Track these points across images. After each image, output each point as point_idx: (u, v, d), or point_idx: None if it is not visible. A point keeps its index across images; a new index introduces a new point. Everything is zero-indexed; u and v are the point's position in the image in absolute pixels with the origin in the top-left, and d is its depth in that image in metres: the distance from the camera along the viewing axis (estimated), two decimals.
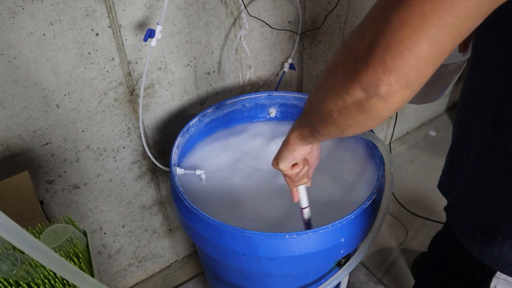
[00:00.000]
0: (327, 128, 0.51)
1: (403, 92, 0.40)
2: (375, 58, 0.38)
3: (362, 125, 0.46)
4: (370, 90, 0.40)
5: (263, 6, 1.09)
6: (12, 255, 0.57)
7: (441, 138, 2.00)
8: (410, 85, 0.39)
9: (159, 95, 1.05)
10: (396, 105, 0.42)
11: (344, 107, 0.44)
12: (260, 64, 1.20)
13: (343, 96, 0.43)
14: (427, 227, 1.53)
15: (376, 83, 0.39)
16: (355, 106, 0.43)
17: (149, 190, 1.21)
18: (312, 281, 0.88)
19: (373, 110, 0.42)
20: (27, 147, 0.91)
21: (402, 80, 0.38)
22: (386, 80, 0.39)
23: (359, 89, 0.41)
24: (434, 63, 0.38)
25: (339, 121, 0.47)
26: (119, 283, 1.35)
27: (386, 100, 0.40)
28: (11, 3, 0.74)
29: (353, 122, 0.46)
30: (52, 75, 0.86)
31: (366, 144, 1.01)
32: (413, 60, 0.37)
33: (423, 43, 0.36)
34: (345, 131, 0.49)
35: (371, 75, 0.39)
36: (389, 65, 0.38)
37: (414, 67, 0.37)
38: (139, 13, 0.90)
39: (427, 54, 0.37)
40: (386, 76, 0.38)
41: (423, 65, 0.37)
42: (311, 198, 0.91)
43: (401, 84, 0.39)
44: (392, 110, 0.42)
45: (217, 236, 0.76)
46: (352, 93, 0.42)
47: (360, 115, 0.44)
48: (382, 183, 0.85)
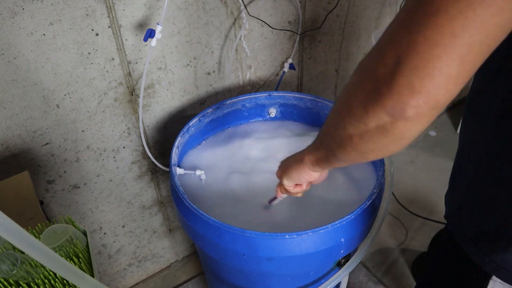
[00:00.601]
0: (346, 153, 0.49)
1: (431, 113, 0.38)
2: (401, 81, 0.37)
3: (385, 149, 0.45)
4: (396, 113, 0.39)
5: (263, 6, 1.09)
6: (12, 255, 0.57)
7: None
8: (439, 105, 0.38)
9: (159, 95, 1.05)
10: (423, 127, 0.40)
11: (365, 132, 0.43)
12: (260, 64, 1.20)
13: (364, 120, 0.42)
14: (427, 227, 1.53)
15: (403, 107, 0.38)
16: (378, 130, 0.41)
17: (149, 190, 1.21)
18: (312, 281, 0.88)
19: (398, 133, 0.41)
20: (27, 147, 0.91)
21: (432, 101, 0.37)
22: (413, 103, 0.37)
23: (383, 112, 0.39)
24: (464, 82, 0.37)
25: (360, 146, 0.45)
26: (119, 283, 1.35)
27: (414, 122, 0.39)
28: (11, 3, 0.74)
29: (375, 146, 0.44)
30: (52, 75, 0.86)
31: None
32: (444, 80, 0.36)
33: (454, 62, 0.35)
34: (366, 156, 0.47)
35: (397, 98, 0.38)
36: (417, 88, 0.36)
37: (444, 88, 0.36)
38: (139, 13, 0.90)
39: (457, 73, 0.35)
40: (414, 99, 0.37)
41: (453, 84, 0.36)
42: (311, 198, 0.91)
43: (430, 106, 0.37)
44: (418, 132, 0.41)
45: (217, 236, 0.76)
46: (375, 117, 0.41)
47: (383, 139, 0.42)
48: (382, 183, 0.85)
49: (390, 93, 0.38)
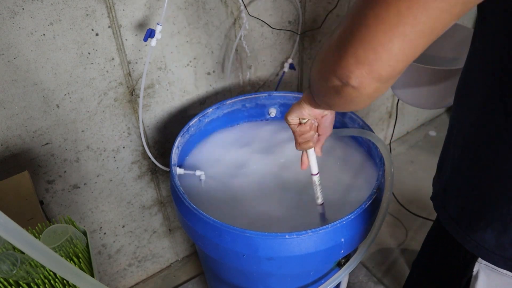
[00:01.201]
0: (320, 101, 0.56)
1: (374, 84, 0.42)
2: (349, 51, 0.41)
3: (344, 107, 0.50)
4: (343, 80, 0.43)
5: (263, 6, 1.09)
6: (12, 255, 0.57)
7: (441, 138, 1.99)
8: (382, 79, 0.41)
9: (159, 95, 1.05)
10: (370, 96, 0.44)
11: (327, 90, 0.48)
12: (260, 64, 1.20)
13: (324, 81, 0.47)
14: (427, 227, 1.51)
15: (348, 75, 0.42)
16: (333, 90, 0.46)
17: (149, 190, 1.21)
18: (312, 281, 0.88)
19: (348, 97, 0.45)
20: (27, 147, 0.91)
21: (374, 73, 0.40)
22: (357, 73, 0.41)
23: (334, 77, 0.44)
24: (406, 60, 0.40)
25: (326, 99, 0.52)
26: (119, 283, 1.35)
27: (359, 91, 0.43)
28: (11, 3, 0.74)
29: (335, 102, 0.50)
30: (52, 75, 0.86)
31: (366, 144, 1.01)
32: (386, 55, 0.39)
33: (396, 39, 0.38)
34: (332, 107, 0.54)
35: (344, 66, 0.42)
36: (361, 58, 0.40)
37: (386, 62, 0.39)
38: (139, 13, 0.90)
39: (399, 50, 0.38)
40: (358, 68, 0.41)
41: (395, 61, 0.39)
42: (310, 198, 0.91)
43: (372, 78, 0.41)
44: (367, 99, 0.45)
45: (217, 236, 0.76)
46: (330, 81, 0.45)
47: (339, 99, 0.48)
48: (382, 183, 0.85)
49: (339, 61, 0.42)
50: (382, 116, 1.78)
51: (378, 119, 1.77)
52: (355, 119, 1.00)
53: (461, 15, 0.38)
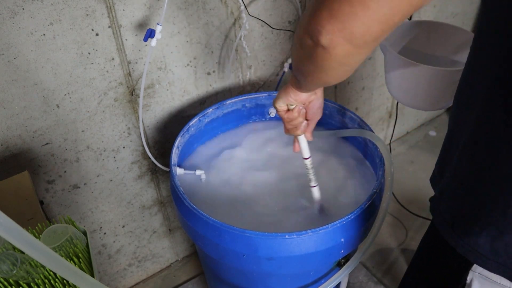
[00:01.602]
0: (297, 74, 0.55)
1: (345, 45, 0.39)
2: (324, 4, 0.38)
3: (315, 75, 0.48)
4: (314, 37, 0.40)
5: (263, 6, 1.09)
6: (12, 255, 0.57)
7: (441, 138, 1.98)
8: (353, 38, 0.38)
9: (159, 95, 1.05)
10: (339, 58, 0.41)
11: (300, 54, 0.47)
12: (260, 64, 1.20)
13: (300, 42, 0.45)
14: (427, 227, 1.52)
15: (319, 30, 0.39)
16: (305, 54, 0.45)
17: (149, 190, 1.21)
18: (312, 281, 0.88)
19: (319, 60, 0.43)
20: (27, 147, 0.91)
21: (346, 30, 0.38)
22: (328, 28, 0.38)
23: (307, 35, 0.42)
24: (383, 22, 0.37)
25: (300, 67, 0.50)
26: (119, 283, 1.35)
27: (328, 51, 0.40)
28: (11, 3, 0.74)
29: (307, 69, 0.48)
30: (52, 75, 0.86)
31: (366, 144, 1.01)
32: (361, 10, 0.36)
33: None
34: (306, 78, 0.52)
35: (316, 20, 0.39)
36: (335, 11, 0.37)
37: (360, 19, 0.36)
38: (139, 13, 0.90)
39: (377, 7, 0.36)
40: (330, 23, 0.38)
41: (371, 19, 0.37)
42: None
43: (343, 36, 0.38)
44: (337, 63, 0.42)
45: (217, 236, 0.76)
46: (303, 40, 0.43)
47: (310, 64, 0.45)
48: (382, 183, 0.85)
49: (314, 14, 0.40)
50: (382, 116, 1.78)
51: (378, 119, 1.77)
52: (355, 119, 1.00)
53: None
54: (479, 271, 0.59)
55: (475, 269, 0.60)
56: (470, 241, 0.58)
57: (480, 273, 0.59)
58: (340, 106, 1.03)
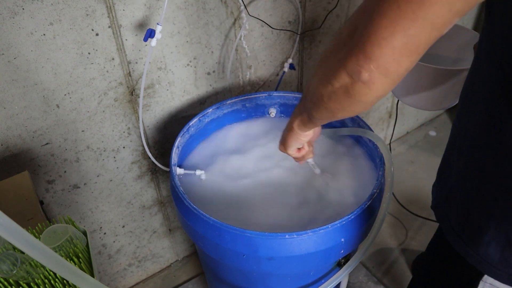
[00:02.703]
0: (319, 112, 0.55)
1: (383, 80, 0.43)
2: (358, 47, 0.42)
3: (349, 109, 0.50)
4: (354, 75, 0.44)
5: (263, 6, 1.09)
6: (12, 255, 0.57)
7: (441, 138, 2.00)
8: (389, 74, 0.42)
9: (159, 95, 1.05)
10: (378, 92, 0.45)
11: (332, 92, 0.48)
12: (260, 64, 1.20)
13: (332, 81, 0.47)
14: (427, 227, 1.53)
15: (359, 70, 0.43)
16: (342, 90, 0.47)
17: (149, 190, 1.21)
18: (312, 281, 0.88)
19: (357, 95, 0.46)
20: (27, 147, 0.91)
21: (381, 68, 0.42)
22: (367, 67, 0.42)
23: (345, 74, 0.45)
24: (410, 55, 0.41)
25: (329, 105, 0.51)
26: (119, 283, 1.35)
27: (369, 86, 0.44)
28: (11, 3, 0.74)
29: (340, 106, 0.50)
30: (52, 75, 0.86)
31: (366, 144, 1.01)
32: (389, 49, 0.40)
33: (398, 34, 0.39)
34: (335, 114, 0.53)
35: (355, 61, 0.43)
36: (369, 53, 0.41)
37: (390, 57, 0.41)
38: (139, 13, 0.90)
39: (401, 45, 0.40)
40: (367, 63, 0.42)
41: (399, 55, 0.41)
42: (311, 198, 0.91)
43: (380, 72, 0.42)
44: (375, 97, 0.46)
45: (217, 236, 0.76)
46: (339, 78, 0.46)
47: (346, 100, 0.48)
48: (382, 183, 0.85)
49: (350, 56, 0.43)
50: (382, 116, 1.78)
51: (378, 119, 1.77)
52: (355, 119, 1.00)
53: (462, 13, 0.38)
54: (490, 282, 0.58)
55: (486, 279, 0.59)
56: (480, 251, 0.57)
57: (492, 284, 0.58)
58: None
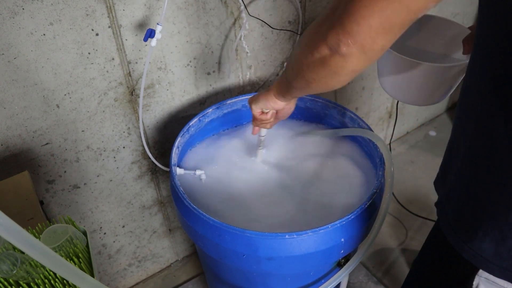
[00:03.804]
0: (297, 81, 0.60)
1: (359, 55, 0.47)
2: (338, 22, 0.46)
3: (324, 81, 0.54)
4: (333, 48, 0.48)
5: (263, 6, 1.09)
6: (12, 255, 0.57)
7: (441, 138, 2.00)
8: (364, 50, 0.46)
9: (159, 95, 1.05)
10: (353, 66, 0.49)
11: (311, 61, 0.52)
12: (260, 64, 1.20)
13: (312, 51, 0.51)
14: (427, 227, 1.53)
15: (338, 43, 0.47)
16: (320, 61, 0.51)
17: (149, 190, 1.21)
18: (312, 281, 0.88)
19: (334, 67, 0.50)
20: (27, 147, 0.91)
21: (358, 44, 0.45)
22: (344, 41, 0.46)
23: (325, 46, 0.49)
24: (385, 34, 0.45)
25: (307, 74, 0.55)
26: (119, 283, 1.35)
27: (345, 59, 0.48)
28: (11, 3, 0.74)
29: (317, 76, 0.54)
30: (52, 75, 0.86)
31: (366, 144, 1.01)
32: (366, 27, 0.44)
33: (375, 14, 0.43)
34: (310, 84, 0.57)
35: (334, 35, 0.47)
36: (347, 29, 0.45)
37: (367, 34, 0.44)
38: (139, 13, 0.90)
39: (378, 24, 0.44)
40: (345, 38, 0.46)
41: (375, 33, 0.44)
42: (311, 198, 0.91)
43: (357, 48, 0.46)
44: (350, 70, 0.50)
45: (217, 236, 0.76)
46: (319, 49, 0.50)
47: (323, 70, 0.52)
48: (382, 183, 0.85)
49: (331, 31, 0.47)
50: (382, 116, 1.78)
51: (378, 119, 1.77)
52: (355, 119, 1.00)
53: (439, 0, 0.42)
54: (485, 276, 0.59)
55: (481, 273, 0.60)
56: (474, 246, 0.58)
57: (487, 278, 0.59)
58: (340, 106, 1.03)
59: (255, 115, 0.83)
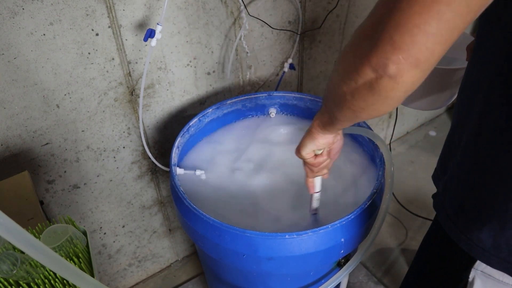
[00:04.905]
0: (342, 112, 0.51)
1: (412, 71, 0.40)
2: (384, 37, 0.39)
3: (374, 108, 0.46)
4: (380, 69, 0.40)
5: (263, 6, 1.09)
6: (12, 255, 0.57)
7: (441, 138, 1.99)
8: (419, 64, 0.39)
9: (159, 95, 1.05)
10: (406, 86, 0.41)
11: (356, 89, 0.45)
12: (260, 64, 1.20)
13: (354, 77, 0.44)
14: (427, 227, 1.52)
15: (385, 62, 0.39)
16: (366, 87, 0.43)
17: (149, 190, 1.21)
18: (312, 281, 0.88)
19: (383, 91, 0.42)
20: (27, 147, 0.91)
21: (411, 58, 0.39)
22: (394, 59, 0.39)
23: (369, 69, 0.41)
24: (444, 42, 0.38)
25: (352, 104, 0.47)
26: (119, 283, 1.35)
27: (396, 80, 0.40)
28: (11, 3, 0.74)
29: (365, 104, 0.46)
30: (52, 75, 0.86)
31: (366, 144, 1.01)
32: (423, 37, 0.37)
33: (432, 20, 0.36)
34: (359, 114, 0.49)
35: (380, 54, 0.39)
36: (398, 43, 0.38)
37: (423, 45, 0.38)
38: (139, 13, 0.90)
39: (436, 31, 0.37)
40: (395, 54, 0.39)
41: (432, 43, 0.38)
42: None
43: (410, 63, 0.39)
44: (403, 91, 0.42)
45: (217, 236, 0.76)
46: (362, 74, 0.42)
47: (371, 97, 0.44)
48: (382, 183, 0.85)
49: (375, 49, 0.40)
50: (382, 116, 1.78)
51: (378, 119, 1.77)
52: None
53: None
54: (481, 269, 0.60)
55: (477, 267, 0.60)
56: (473, 236, 0.58)
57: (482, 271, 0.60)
58: None
59: (309, 162, 0.70)
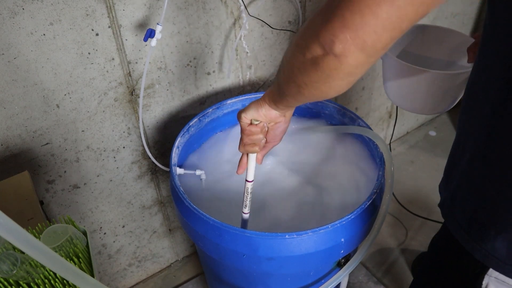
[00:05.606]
0: (288, 85, 0.52)
1: (357, 53, 0.40)
2: (336, 14, 0.39)
3: (317, 86, 0.47)
4: (326, 46, 0.41)
5: (263, 6, 1.09)
6: (12, 255, 0.57)
7: (441, 138, 2.00)
8: (365, 47, 0.39)
9: (159, 95, 1.05)
10: (349, 68, 0.42)
11: (302, 63, 0.45)
12: (260, 64, 1.20)
13: (304, 51, 0.44)
14: (427, 227, 1.53)
15: (332, 39, 0.40)
16: (311, 62, 0.44)
17: (149, 190, 1.21)
18: (312, 282, 0.88)
19: (327, 69, 0.43)
20: (27, 147, 0.91)
21: (358, 39, 0.39)
22: (341, 37, 0.39)
23: (317, 44, 0.42)
24: (392, 29, 0.38)
25: (298, 78, 0.48)
26: (119, 283, 1.35)
27: (340, 60, 0.41)
28: (11, 3, 0.74)
29: (308, 80, 0.47)
30: (52, 75, 0.86)
31: (366, 143, 1.01)
32: (372, 19, 0.37)
33: (384, 3, 0.37)
34: (302, 90, 0.50)
35: (329, 30, 0.40)
36: (347, 21, 0.38)
37: (371, 27, 0.38)
38: (139, 13, 0.90)
39: (386, 15, 0.37)
40: (343, 32, 0.39)
41: (381, 27, 0.38)
42: (311, 198, 0.91)
43: (356, 44, 0.39)
44: (346, 73, 0.43)
45: (217, 236, 0.76)
46: (311, 48, 0.43)
47: (314, 73, 0.45)
48: (382, 183, 0.85)
49: (325, 24, 0.40)
50: (382, 116, 1.78)
51: (378, 119, 1.77)
52: (355, 119, 1.00)
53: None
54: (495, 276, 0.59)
55: (491, 273, 0.59)
56: (487, 246, 0.57)
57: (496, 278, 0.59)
58: (340, 106, 1.03)
59: (243, 126, 0.68)
